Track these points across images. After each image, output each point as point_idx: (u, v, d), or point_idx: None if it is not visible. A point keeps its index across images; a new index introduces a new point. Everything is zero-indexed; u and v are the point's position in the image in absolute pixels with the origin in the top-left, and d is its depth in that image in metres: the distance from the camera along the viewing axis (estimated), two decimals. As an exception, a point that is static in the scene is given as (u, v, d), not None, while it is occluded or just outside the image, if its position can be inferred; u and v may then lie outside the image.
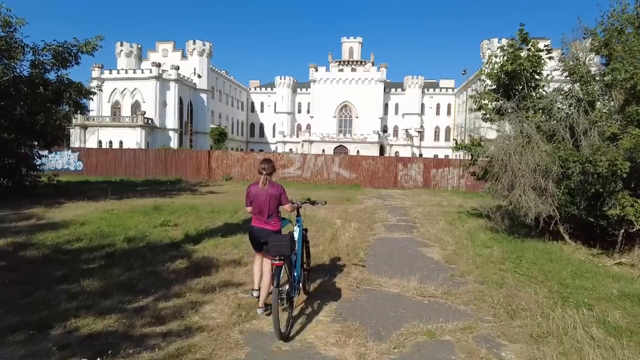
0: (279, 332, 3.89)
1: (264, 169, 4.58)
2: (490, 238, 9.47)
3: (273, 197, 4.57)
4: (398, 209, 15.33)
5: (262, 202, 4.57)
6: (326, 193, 21.24)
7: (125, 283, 5.59)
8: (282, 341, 3.95)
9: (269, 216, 4.60)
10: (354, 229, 10.21)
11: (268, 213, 4.58)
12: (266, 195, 4.55)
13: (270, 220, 4.60)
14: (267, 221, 4.59)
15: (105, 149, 32.19)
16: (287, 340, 4.00)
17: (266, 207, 4.56)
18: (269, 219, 4.60)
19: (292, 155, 28.12)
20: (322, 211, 13.39)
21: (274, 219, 4.63)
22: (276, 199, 4.60)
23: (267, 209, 4.57)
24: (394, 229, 10.84)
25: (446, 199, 20.27)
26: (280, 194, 4.61)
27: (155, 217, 11.02)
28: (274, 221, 4.63)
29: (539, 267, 6.90)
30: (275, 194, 4.58)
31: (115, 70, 59.20)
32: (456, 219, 12.70)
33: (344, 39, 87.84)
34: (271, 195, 4.56)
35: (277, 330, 3.88)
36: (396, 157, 31.81)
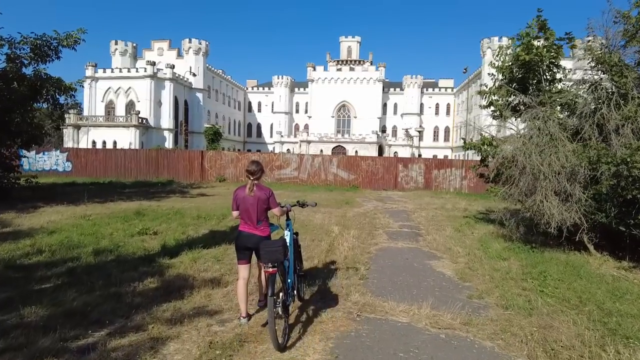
0: (276, 343, 3.75)
1: (251, 172, 4.38)
2: (504, 248, 8.51)
3: (261, 201, 4.36)
4: (400, 213, 14.37)
5: (249, 206, 4.36)
6: (323, 195, 20.27)
7: (78, 311, 4.61)
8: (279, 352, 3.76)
9: (258, 221, 4.38)
10: (354, 237, 9.24)
11: (257, 218, 4.37)
12: (254, 199, 4.35)
13: (260, 225, 4.38)
14: (256, 227, 4.37)
15: (95, 149, 31.16)
16: (283, 351, 3.82)
17: (254, 212, 4.35)
18: (259, 225, 4.38)
19: (288, 156, 27.13)
20: (318, 216, 12.45)
21: (263, 224, 4.41)
22: (264, 203, 4.38)
23: (255, 214, 4.36)
24: (398, 236, 9.87)
25: (449, 201, 19.32)
26: (269, 197, 4.39)
27: (135, 223, 10.03)
28: (263, 227, 4.41)
29: (567, 286, 5.95)
30: (263, 197, 4.36)
31: (110, 69, 58.06)
32: (463, 224, 11.74)
33: (342, 38, 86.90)
34: (259, 199, 4.35)
35: (275, 340, 3.74)
36: (396, 157, 30.83)
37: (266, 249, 3.93)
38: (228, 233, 9.19)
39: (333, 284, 5.84)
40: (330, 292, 5.52)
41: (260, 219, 4.38)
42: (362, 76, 79.30)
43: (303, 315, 4.77)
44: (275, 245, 3.96)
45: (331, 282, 5.95)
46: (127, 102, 57.10)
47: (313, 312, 4.85)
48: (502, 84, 10.76)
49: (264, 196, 4.37)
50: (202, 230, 9.51)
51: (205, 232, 9.23)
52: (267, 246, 3.97)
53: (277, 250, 3.91)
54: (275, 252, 3.90)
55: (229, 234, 9.04)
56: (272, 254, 3.88)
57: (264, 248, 3.94)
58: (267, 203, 4.39)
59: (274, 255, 3.89)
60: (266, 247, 3.96)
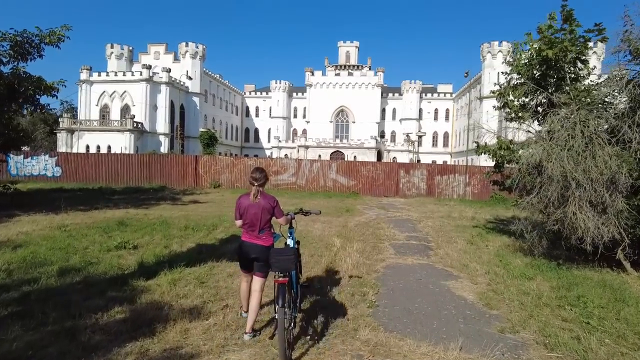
0: (284, 356, 3.59)
1: (255, 179, 4.16)
2: (527, 264, 7.58)
3: (265, 210, 4.19)
4: (405, 223, 13.43)
5: (253, 215, 4.18)
6: (322, 202, 19.32)
7: (14, 357, 3.64)
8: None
9: (261, 230, 4.21)
10: (357, 251, 8.28)
11: (260, 227, 4.20)
12: (258, 207, 4.18)
13: (262, 234, 4.22)
14: (258, 236, 4.21)
15: (85, 154, 30.16)
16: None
17: (258, 220, 4.19)
18: (261, 234, 4.21)
19: (285, 161, 26.18)
20: (317, 226, 11.49)
21: (266, 233, 4.24)
22: (269, 212, 4.22)
23: (258, 222, 4.19)
24: (406, 250, 8.91)
25: (455, 209, 18.41)
26: (274, 207, 4.24)
27: (115, 235, 9.05)
28: (266, 236, 4.24)
29: (615, 315, 5.01)
30: (267, 206, 4.19)
31: (105, 73, 57.03)
32: (475, 236, 10.80)
33: (340, 43, 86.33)
34: (263, 208, 4.18)
35: (283, 353, 3.58)
36: (398, 163, 29.94)
37: (277, 257, 3.81)
38: (217, 247, 8.22)
39: (337, 314, 4.88)
40: (334, 326, 4.56)
41: (263, 227, 4.21)
42: (360, 81, 78.72)
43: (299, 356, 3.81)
44: (286, 254, 3.85)
45: (334, 310, 4.99)
46: (122, 106, 56.09)
47: (315, 355, 3.88)
48: (518, 83, 9.90)
49: (268, 205, 4.19)
50: (188, 243, 8.53)
51: (192, 247, 8.25)
52: (278, 254, 3.84)
53: (288, 259, 3.81)
54: (286, 261, 3.79)
55: (217, 249, 8.07)
56: (283, 263, 3.78)
57: (275, 256, 3.82)
58: (271, 212, 4.23)
59: (285, 264, 3.78)
60: (277, 255, 3.83)
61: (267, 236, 4.23)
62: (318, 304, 5.22)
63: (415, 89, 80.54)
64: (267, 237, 4.23)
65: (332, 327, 4.55)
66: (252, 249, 4.19)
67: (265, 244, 4.18)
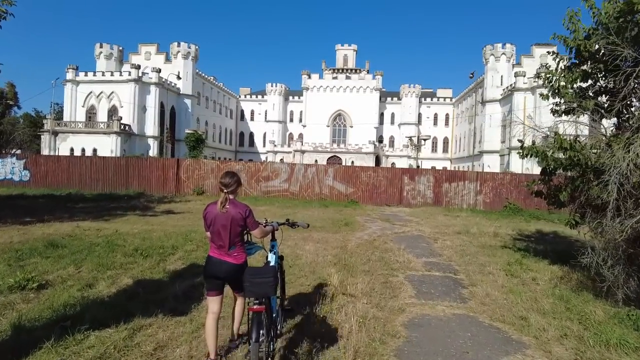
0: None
1: (225, 185, 3.50)
2: (615, 318, 5.15)
3: (235, 221, 3.47)
4: (417, 241, 10.99)
5: (221, 227, 3.47)
6: (317, 212, 16.87)
7: None
8: None
9: (231, 246, 3.47)
10: (363, 292, 5.84)
11: (229, 242, 3.46)
12: (226, 218, 3.45)
13: (233, 251, 3.49)
14: (228, 252, 3.47)
15: (57, 156, 27.59)
16: None
17: (226, 233, 3.45)
18: (231, 250, 3.48)
19: (277, 165, 23.71)
20: (309, 247, 9.03)
21: (237, 249, 3.52)
22: (239, 224, 3.48)
23: (227, 236, 3.45)
24: (430, 288, 6.46)
25: (469, 221, 16.00)
26: (246, 217, 3.49)
27: (30, 264, 6.58)
28: (237, 252, 3.51)
29: None
30: (238, 217, 3.47)
31: (91, 73, 54.47)
32: (512, 262, 8.36)
33: (338, 46, 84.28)
34: (233, 218, 3.46)
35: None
36: (402, 168, 27.57)
37: (252, 280, 3.18)
38: (161, 287, 5.75)
39: None
40: None
41: (233, 242, 3.48)
42: (358, 85, 76.59)
43: None
44: (263, 276, 3.23)
45: None
46: (110, 108, 53.54)
47: None
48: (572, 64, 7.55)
49: (238, 215, 3.46)
50: (125, 279, 6.04)
51: (126, 285, 5.77)
52: (253, 276, 3.22)
53: (265, 282, 3.19)
54: (264, 285, 3.18)
55: (161, 290, 5.60)
56: (259, 287, 3.17)
57: (250, 279, 3.20)
58: (242, 223, 3.49)
59: (262, 288, 3.17)
60: (252, 277, 3.21)
61: (238, 252, 3.53)
62: None
63: (414, 93, 78.47)
64: (239, 254, 3.54)
65: None
66: (219, 268, 3.49)
67: (236, 262, 3.50)
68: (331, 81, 77.05)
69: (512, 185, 22.12)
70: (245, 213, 3.50)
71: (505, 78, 54.38)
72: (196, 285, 5.74)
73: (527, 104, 47.50)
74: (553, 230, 14.64)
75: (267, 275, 3.24)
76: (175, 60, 61.36)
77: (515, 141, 49.70)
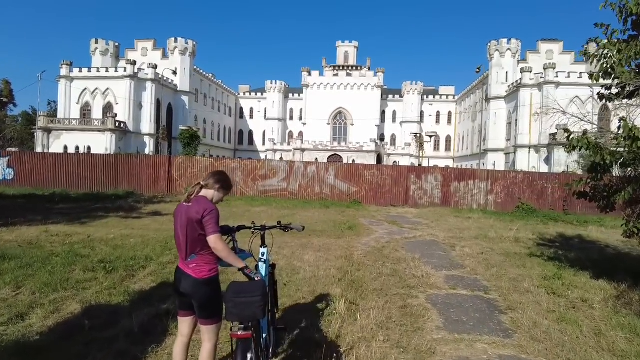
0: None
1: (204, 179, 2.90)
2: None
3: (191, 221, 2.70)
4: (431, 248, 9.67)
5: (180, 228, 2.77)
6: (318, 214, 15.56)
7: None
8: None
9: (190, 254, 2.74)
10: (378, 324, 4.52)
11: (185, 248, 2.74)
12: (185, 218, 2.73)
13: (191, 261, 2.74)
14: (186, 262, 2.75)
15: (43, 154, 26.25)
16: None
17: (183, 238, 2.74)
18: (190, 259, 2.74)
19: (275, 163, 22.38)
20: (309, 257, 7.72)
21: (197, 259, 2.73)
22: (196, 227, 2.69)
23: (184, 240, 2.74)
24: (460, 315, 5.14)
25: (483, 224, 14.72)
26: (202, 217, 2.67)
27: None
28: (197, 263, 2.73)
29: None
30: (194, 217, 2.69)
31: (86, 69, 53.07)
32: (550, 276, 7.04)
33: (339, 43, 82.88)
34: (189, 218, 2.71)
35: None
36: (408, 166, 26.22)
37: (235, 300, 2.50)
38: (120, 313, 4.43)
39: None
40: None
41: (192, 250, 2.73)
42: (359, 82, 75.18)
43: None
44: (249, 294, 2.54)
45: None
46: (105, 105, 52.17)
47: None
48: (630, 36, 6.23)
49: (196, 216, 2.68)
50: (72, 305, 4.71)
51: (71, 313, 4.44)
52: (237, 294, 2.53)
53: (252, 302, 2.51)
54: (249, 306, 2.50)
55: (119, 317, 4.29)
56: (244, 309, 2.49)
57: (232, 298, 2.51)
58: (199, 226, 2.68)
59: (247, 310, 2.49)
60: (235, 295, 2.52)
61: (198, 263, 2.70)
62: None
63: (416, 90, 77.08)
64: (200, 266, 2.70)
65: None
66: (181, 282, 2.74)
67: (195, 275, 2.69)
68: (332, 78, 75.65)
69: (524, 184, 20.81)
70: (203, 211, 2.68)
71: (511, 74, 52.94)
72: (161, 315, 4.43)
73: (534, 101, 46.14)
74: (577, 234, 13.35)
75: (254, 294, 2.54)
76: (172, 57, 59.95)
77: (521, 139, 48.41)
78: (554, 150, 41.79)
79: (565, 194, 20.55)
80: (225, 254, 2.73)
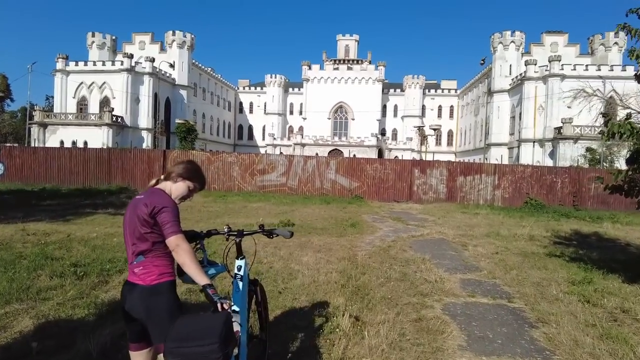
0: None
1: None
2: None
3: (138, 216, 2.15)
4: (441, 247, 8.92)
5: (127, 225, 2.23)
6: (319, 210, 14.81)
7: None
8: None
9: (137, 256, 2.16)
10: (389, 343, 3.77)
11: (130, 249, 2.20)
12: (132, 212, 2.21)
13: (137, 264, 2.17)
14: (132, 266, 2.19)
15: (34, 148, 25.52)
16: None
17: (130, 237, 2.19)
18: (136, 262, 2.17)
19: (274, 157, 21.60)
20: (307, 259, 6.98)
21: (144, 261, 2.16)
22: (142, 223, 2.14)
23: (130, 239, 2.19)
24: (485, 330, 4.36)
25: (493, 220, 13.97)
26: (152, 213, 2.12)
27: None
28: (144, 266, 2.15)
29: None
30: (141, 210, 2.14)
31: (82, 62, 52.16)
32: (579, 281, 6.27)
33: (339, 36, 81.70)
34: (137, 215, 2.15)
35: None
36: (412, 160, 25.51)
37: (180, 350, 1.73)
38: (80, 332, 3.67)
39: None
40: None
41: (141, 250, 2.15)
42: (360, 76, 74.13)
43: None
44: (201, 341, 1.72)
45: None
46: (102, 99, 51.30)
47: None
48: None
49: (143, 209, 2.12)
50: (25, 320, 3.93)
51: (19, 333, 3.68)
52: (184, 340, 1.74)
53: (204, 354, 1.71)
54: (203, 353, 1.71)
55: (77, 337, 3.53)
56: (193, 352, 1.71)
57: (174, 348, 1.74)
58: (147, 223, 2.12)
59: (200, 353, 1.71)
60: (179, 342, 1.74)
61: (146, 266, 2.13)
62: None
63: (418, 84, 76.09)
64: (148, 269, 2.12)
65: None
66: (126, 296, 2.16)
67: (142, 282, 2.13)
68: (332, 72, 74.62)
69: (533, 178, 20.04)
70: (153, 208, 2.11)
71: (514, 67, 51.95)
72: (128, 335, 3.67)
73: (539, 94, 45.24)
74: (593, 231, 12.59)
75: (208, 340, 1.73)
76: (170, 50, 58.98)
77: (526, 133, 47.44)
78: (559, 144, 40.94)
79: (575, 189, 19.80)
80: (187, 260, 2.05)
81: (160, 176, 2.41)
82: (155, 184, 2.37)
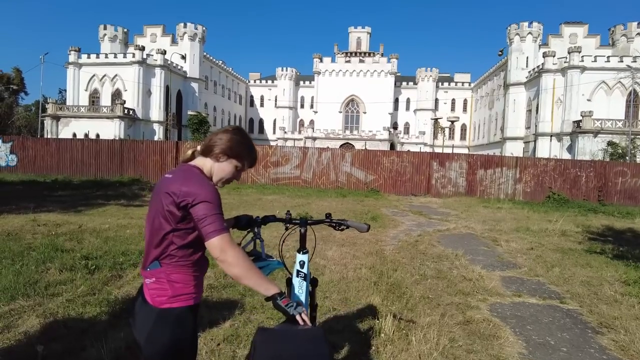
0: None
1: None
2: None
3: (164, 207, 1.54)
4: (471, 242, 8.38)
5: (148, 217, 1.64)
6: (335, 203, 14.35)
7: None
8: None
9: (149, 262, 1.59)
10: (439, 349, 3.29)
11: (147, 251, 1.61)
12: (155, 197, 1.61)
13: (151, 272, 1.58)
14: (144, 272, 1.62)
15: (46, 139, 25.44)
16: None
17: (150, 231, 1.60)
18: (149, 269, 1.59)
19: (288, 150, 21.14)
20: (332, 254, 6.54)
21: (159, 270, 1.57)
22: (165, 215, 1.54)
23: (148, 235, 1.61)
24: (544, 335, 3.86)
25: (517, 215, 13.39)
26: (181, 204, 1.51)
27: None
28: (157, 278, 1.57)
29: None
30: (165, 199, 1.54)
31: (94, 55, 52.17)
32: (634, 281, 5.72)
33: (351, 29, 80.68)
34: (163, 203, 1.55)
35: None
36: (430, 153, 24.94)
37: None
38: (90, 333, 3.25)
39: None
40: None
41: (154, 254, 1.58)
42: (372, 69, 73.13)
43: None
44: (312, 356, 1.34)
45: None
46: (114, 91, 51.32)
47: None
48: None
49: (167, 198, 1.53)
50: (30, 319, 3.54)
51: (24, 334, 3.28)
52: None
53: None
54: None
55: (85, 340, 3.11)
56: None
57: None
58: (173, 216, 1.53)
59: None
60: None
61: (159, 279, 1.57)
62: None
63: (431, 77, 74.91)
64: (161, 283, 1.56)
65: None
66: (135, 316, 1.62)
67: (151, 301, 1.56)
68: (344, 65, 73.75)
69: (556, 172, 19.29)
70: (185, 197, 1.51)
71: (531, 59, 50.64)
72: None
73: (557, 86, 44.04)
74: (627, 227, 11.95)
75: None
76: (181, 42, 58.70)
77: (543, 126, 46.15)
78: (577, 138, 39.80)
79: (600, 183, 19.03)
80: (241, 272, 1.51)
81: (197, 147, 1.77)
82: (190, 157, 1.73)
